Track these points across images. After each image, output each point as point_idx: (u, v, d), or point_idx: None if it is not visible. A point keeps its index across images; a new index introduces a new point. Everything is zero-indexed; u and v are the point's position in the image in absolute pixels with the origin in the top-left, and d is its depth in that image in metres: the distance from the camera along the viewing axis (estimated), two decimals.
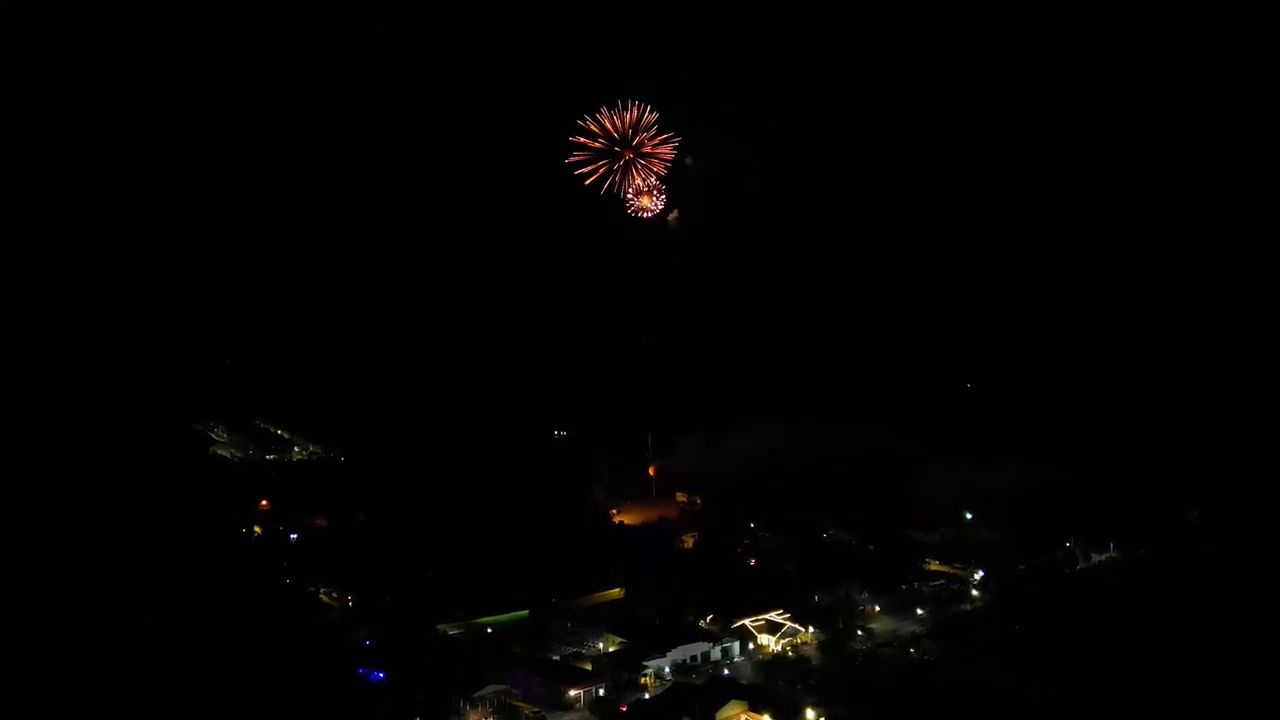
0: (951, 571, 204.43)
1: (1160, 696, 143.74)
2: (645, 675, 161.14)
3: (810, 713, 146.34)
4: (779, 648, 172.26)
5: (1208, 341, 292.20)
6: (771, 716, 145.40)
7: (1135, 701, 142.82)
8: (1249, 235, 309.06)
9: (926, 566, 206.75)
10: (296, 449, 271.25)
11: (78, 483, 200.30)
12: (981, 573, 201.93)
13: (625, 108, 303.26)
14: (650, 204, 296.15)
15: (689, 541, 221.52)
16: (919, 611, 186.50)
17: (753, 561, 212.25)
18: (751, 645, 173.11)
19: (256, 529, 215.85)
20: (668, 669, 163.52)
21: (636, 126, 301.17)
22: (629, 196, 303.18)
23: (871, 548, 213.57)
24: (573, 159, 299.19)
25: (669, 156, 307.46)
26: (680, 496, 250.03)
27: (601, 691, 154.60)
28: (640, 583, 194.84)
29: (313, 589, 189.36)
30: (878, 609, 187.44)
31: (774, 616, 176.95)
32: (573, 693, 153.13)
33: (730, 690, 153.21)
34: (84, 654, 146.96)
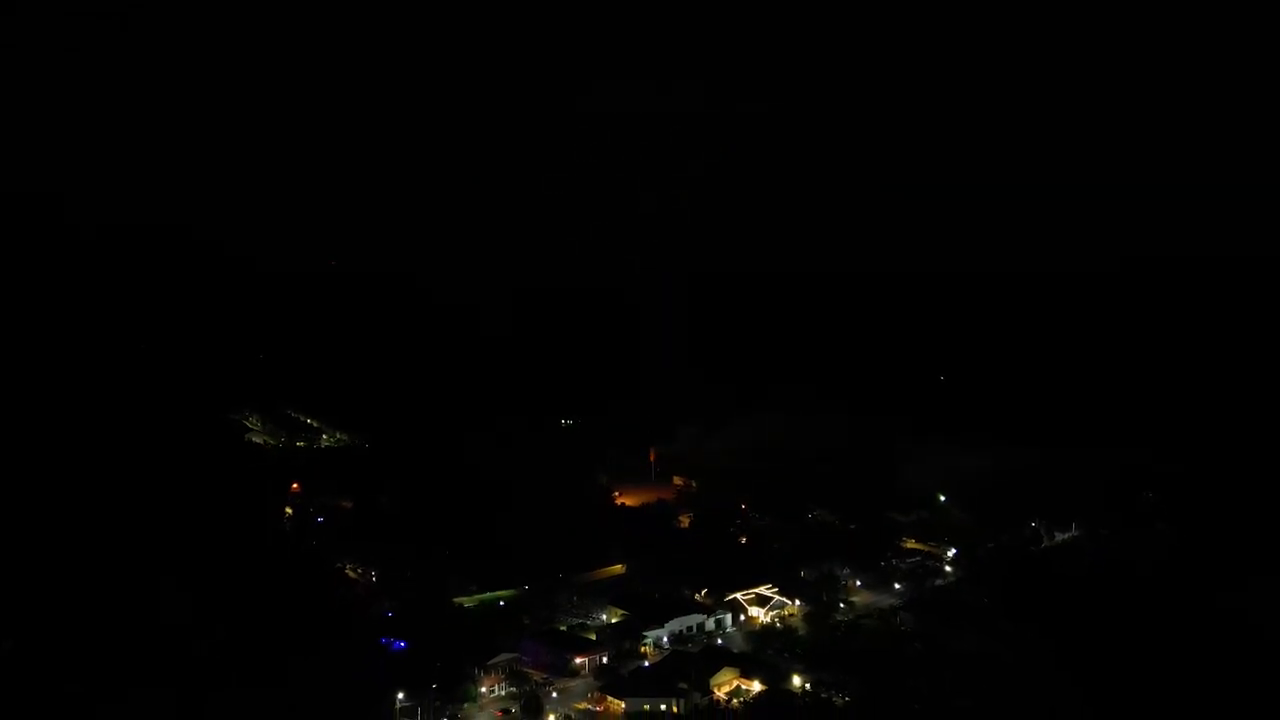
0: (927, 549, 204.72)
1: (1113, 660, 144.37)
2: (645, 644, 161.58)
3: (796, 679, 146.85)
4: (768, 619, 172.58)
5: (1166, 336, 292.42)
6: (761, 682, 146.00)
7: (1089, 665, 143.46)
8: (1206, 235, 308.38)
9: (904, 545, 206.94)
10: (325, 437, 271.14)
11: (128, 468, 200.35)
12: (954, 550, 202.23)
13: None
14: None
15: (685, 522, 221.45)
16: (897, 586, 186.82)
17: (744, 540, 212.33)
18: (743, 617, 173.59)
19: (288, 510, 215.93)
20: (665, 639, 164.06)
21: None
22: None
23: (853, 527, 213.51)
24: None
25: None
26: (677, 480, 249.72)
27: (605, 659, 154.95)
28: (640, 559, 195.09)
29: (339, 565, 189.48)
30: (859, 583, 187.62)
31: (763, 590, 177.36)
32: (578, 660, 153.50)
33: (723, 658, 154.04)
34: (150, 619, 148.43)
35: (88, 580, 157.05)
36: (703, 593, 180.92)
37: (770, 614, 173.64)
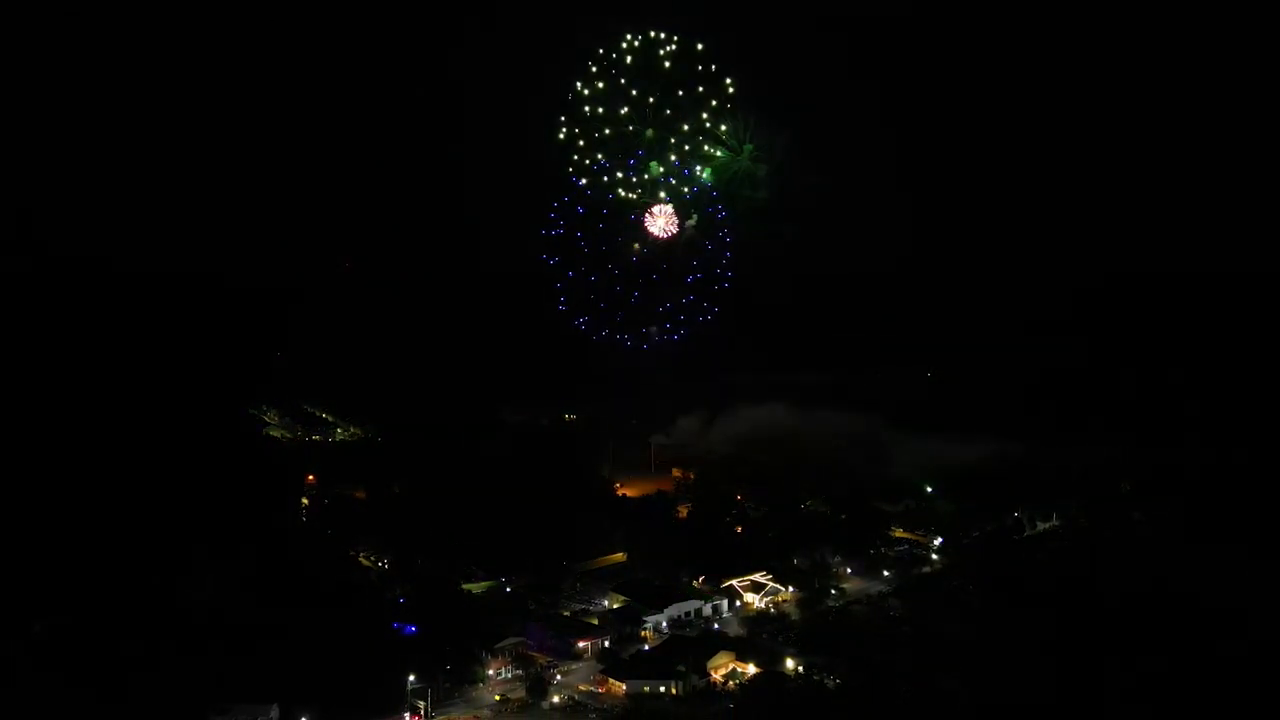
0: (914, 538, 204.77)
1: (1092, 644, 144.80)
2: (645, 629, 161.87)
3: (790, 662, 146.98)
4: (762, 605, 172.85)
5: (1145, 338, 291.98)
6: (756, 665, 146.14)
7: (1070, 648, 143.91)
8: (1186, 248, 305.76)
9: (892, 533, 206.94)
10: (339, 430, 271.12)
11: (151, 462, 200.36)
12: (940, 539, 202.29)
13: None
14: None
15: (684, 512, 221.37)
16: (885, 573, 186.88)
17: (739, 529, 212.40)
18: (738, 603, 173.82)
19: (304, 500, 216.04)
20: (665, 624, 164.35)
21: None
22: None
23: (844, 516, 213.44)
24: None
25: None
26: (676, 472, 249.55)
27: (606, 643, 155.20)
28: (640, 548, 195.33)
29: (353, 553, 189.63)
30: (849, 570, 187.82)
31: (758, 577, 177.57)
32: (581, 644, 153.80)
33: (720, 642, 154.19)
34: (166, 593, 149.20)
35: (114, 566, 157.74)
36: (700, 580, 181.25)
37: (764, 600, 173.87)
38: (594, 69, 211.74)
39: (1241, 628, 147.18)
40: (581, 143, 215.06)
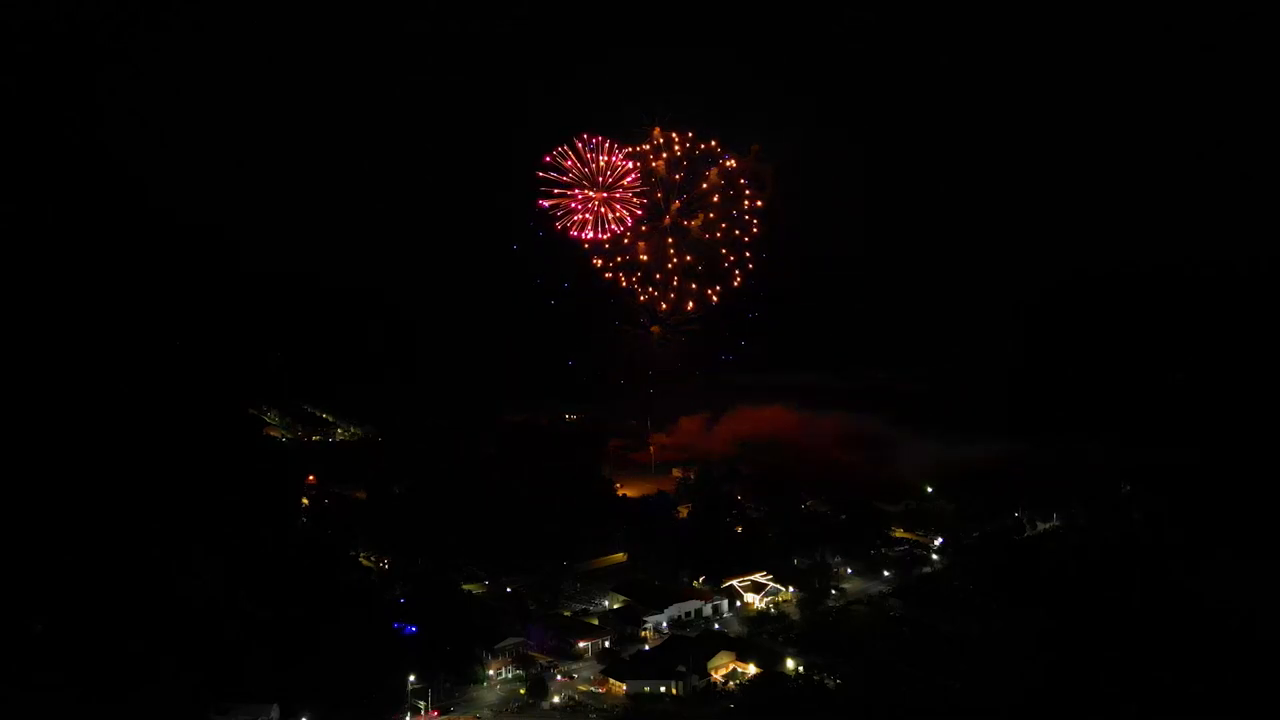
0: (914, 538, 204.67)
1: (1091, 642, 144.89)
2: (645, 629, 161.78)
3: (790, 662, 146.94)
4: (763, 605, 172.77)
5: (1143, 339, 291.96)
6: (756, 665, 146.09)
7: (1070, 647, 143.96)
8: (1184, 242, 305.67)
9: (892, 533, 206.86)
10: (340, 430, 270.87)
11: (147, 461, 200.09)
12: (940, 539, 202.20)
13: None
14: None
15: (684, 512, 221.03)
16: (886, 573, 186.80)
17: (740, 529, 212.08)
18: (739, 603, 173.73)
19: (305, 500, 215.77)
20: (665, 624, 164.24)
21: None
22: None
23: (844, 517, 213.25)
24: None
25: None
26: (677, 472, 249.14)
27: (607, 644, 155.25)
28: (641, 548, 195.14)
29: (354, 553, 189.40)
30: (849, 571, 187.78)
31: (758, 577, 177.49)
32: (582, 644, 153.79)
33: (720, 642, 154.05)
34: (167, 593, 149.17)
35: (114, 566, 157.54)
36: (700, 580, 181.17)
37: (765, 600, 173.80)
38: None
39: (1241, 628, 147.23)
40: None
